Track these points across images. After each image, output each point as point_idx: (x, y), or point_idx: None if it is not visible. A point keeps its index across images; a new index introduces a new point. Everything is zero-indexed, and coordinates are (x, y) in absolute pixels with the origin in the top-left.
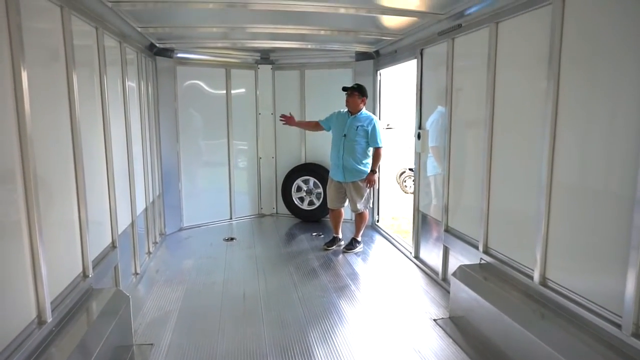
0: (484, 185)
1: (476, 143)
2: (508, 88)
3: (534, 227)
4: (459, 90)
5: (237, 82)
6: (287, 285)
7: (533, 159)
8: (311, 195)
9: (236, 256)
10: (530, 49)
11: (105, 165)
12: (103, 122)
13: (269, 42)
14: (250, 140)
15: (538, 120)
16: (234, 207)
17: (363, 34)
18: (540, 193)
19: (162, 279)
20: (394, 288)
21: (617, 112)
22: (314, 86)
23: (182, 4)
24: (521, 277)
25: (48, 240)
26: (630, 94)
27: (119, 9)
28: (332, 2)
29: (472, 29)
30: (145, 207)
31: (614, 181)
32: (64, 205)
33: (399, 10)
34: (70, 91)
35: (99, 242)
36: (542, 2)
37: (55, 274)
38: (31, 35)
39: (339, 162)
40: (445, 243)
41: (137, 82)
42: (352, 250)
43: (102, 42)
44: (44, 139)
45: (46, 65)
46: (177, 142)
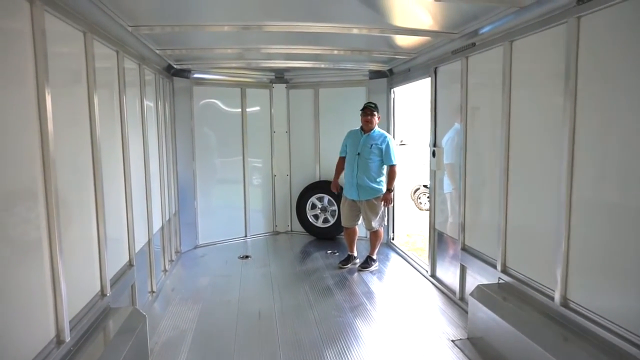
0: (501, 203)
1: (492, 160)
2: (524, 105)
3: (553, 246)
4: (474, 107)
5: (252, 101)
6: (302, 304)
7: (551, 175)
8: (326, 212)
9: (251, 274)
10: (545, 67)
11: (123, 184)
12: (122, 142)
13: (284, 62)
14: (265, 158)
15: (555, 136)
16: (249, 224)
17: (376, 53)
18: (560, 210)
19: (177, 297)
20: (411, 307)
21: (637, 127)
22: (328, 104)
23: (198, 27)
24: (541, 298)
25: (68, 259)
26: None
27: (138, 33)
28: (345, 23)
29: (486, 47)
30: (162, 225)
31: (636, 197)
32: (84, 224)
33: (412, 30)
34: (92, 112)
35: (116, 261)
36: (557, 21)
37: (74, 292)
38: (55, 59)
39: (353, 180)
40: (462, 262)
41: (154, 102)
42: (367, 269)
43: (122, 64)
44: (65, 158)
45: (69, 88)
46: (193, 160)
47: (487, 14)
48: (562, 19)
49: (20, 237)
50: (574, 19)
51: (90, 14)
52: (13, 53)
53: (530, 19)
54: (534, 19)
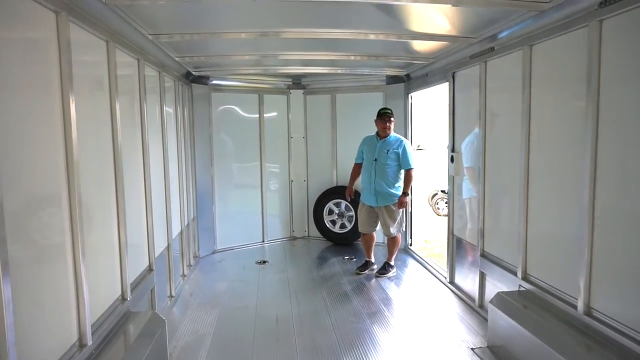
0: (522, 209)
1: (512, 165)
2: (544, 109)
3: (576, 253)
4: (493, 112)
5: (270, 107)
6: (319, 310)
7: (573, 181)
8: (343, 218)
9: (268, 279)
10: (567, 70)
11: (143, 189)
12: (142, 147)
13: (301, 68)
14: (282, 163)
15: (577, 141)
16: (266, 229)
17: (393, 59)
18: (582, 216)
19: (196, 302)
20: (429, 314)
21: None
22: (345, 110)
23: (216, 34)
24: (564, 306)
25: (90, 264)
26: None
27: (158, 41)
28: (362, 29)
29: (505, 51)
30: (181, 230)
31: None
32: (105, 228)
33: (430, 35)
34: (113, 119)
35: (137, 266)
36: (578, 24)
37: (96, 297)
38: (79, 67)
39: (371, 186)
40: (481, 268)
41: (174, 108)
42: (385, 275)
43: (143, 71)
44: (88, 164)
45: (92, 95)
46: (211, 165)
47: (506, 18)
48: (583, 23)
49: (45, 241)
50: (596, 22)
51: (112, 24)
52: (39, 62)
53: (550, 23)
54: (555, 22)
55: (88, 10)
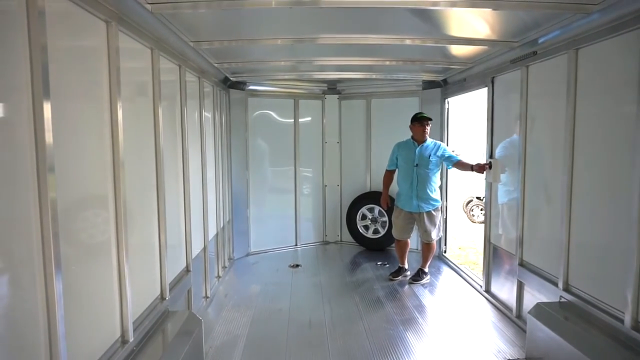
0: (564, 217)
1: (554, 171)
2: (591, 115)
3: (623, 265)
4: (535, 118)
5: (305, 112)
6: (352, 315)
7: (621, 189)
8: (376, 223)
9: (301, 283)
10: (615, 75)
11: (182, 192)
12: (182, 151)
13: (336, 73)
14: (316, 168)
15: (626, 147)
16: (299, 233)
17: (430, 63)
18: (631, 227)
19: (230, 303)
20: (464, 323)
21: None
22: (380, 115)
23: (254, 41)
24: (609, 320)
25: (132, 263)
26: None
27: (199, 47)
28: (398, 34)
29: (548, 56)
30: (217, 232)
31: None
32: (146, 229)
33: (468, 40)
34: (156, 122)
35: (175, 266)
36: (628, 27)
37: (138, 295)
38: (126, 74)
39: (412, 192)
40: (519, 278)
41: (212, 113)
42: (418, 282)
43: (184, 77)
44: (132, 167)
45: (137, 100)
46: (246, 169)
47: (550, 21)
48: (635, 25)
49: (92, 240)
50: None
51: (157, 32)
52: (91, 69)
53: (598, 26)
54: (602, 25)
55: (135, 19)
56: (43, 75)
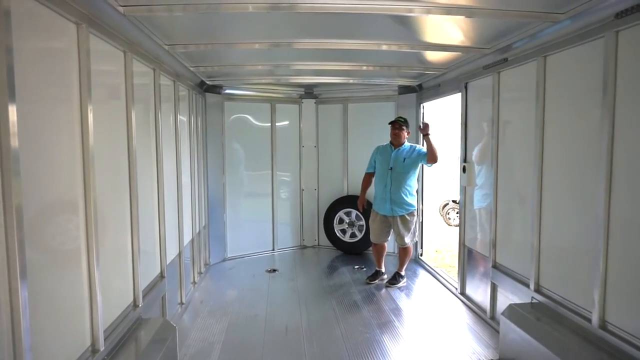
0: (535, 220)
1: (525, 175)
2: (559, 120)
3: (591, 265)
4: (506, 122)
5: (282, 116)
6: (329, 320)
7: (588, 192)
8: (353, 227)
9: (278, 288)
10: (582, 81)
11: (156, 197)
12: (156, 155)
13: (313, 77)
14: (293, 172)
15: (592, 151)
16: (277, 238)
17: (406, 69)
18: (597, 228)
19: (206, 309)
20: (440, 325)
21: None
22: (356, 119)
23: (230, 45)
24: (578, 319)
25: (104, 270)
26: None
27: (174, 51)
28: (375, 39)
29: (519, 62)
30: (192, 237)
31: None
32: (119, 235)
33: (443, 46)
34: (129, 126)
35: (149, 272)
36: (594, 35)
37: (109, 303)
38: (98, 76)
39: (386, 195)
40: (493, 280)
41: (187, 117)
42: (395, 285)
43: (158, 81)
44: (103, 171)
45: (109, 103)
46: (223, 174)
47: (520, 29)
48: (599, 34)
49: (61, 247)
50: (612, 33)
51: (130, 34)
52: (60, 71)
53: (565, 34)
54: (570, 33)
55: (107, 21)
56: (8, 77)
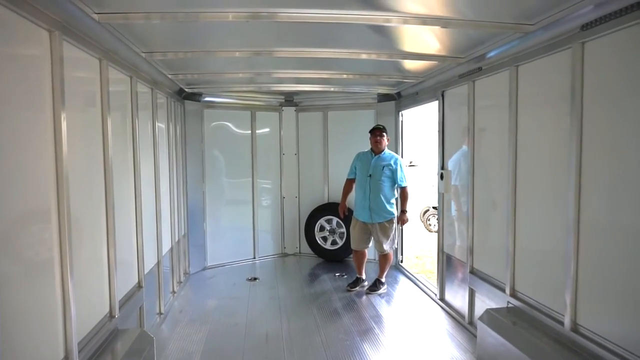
0: (509, 226)
1: (500, 181)
2: (530, 127)
3: (562, 269)
4: (481, 130)
5: (262, 124)
6: (310, 327)
7: (559, 196)
8: (334, 234)
9: (259, 296)
10: (552, 89)
11: (134, 206)
12: (133, 163)
13: (293, 85)
14: (274, 179)
15: (562, 157)
16: (257, 246)
17: (385, 77)
18: (568, 232)
19: (185, 319)
20: (419, 331)
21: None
22: (337, 127)
23: (210, 52)
24: (551, 323)
25: (78, 281)
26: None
27: (152, 59)
28: (354, 48)
29: (492, 71)
30: (171, 246)
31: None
32: (94, 244)
33: (420, 55)
34: (105, 134)
35: (126, 282)
36: (562, 46)
37: (84, 314)
38: (71, 83)
39: (366, 202)
40: (470, 285)
41: (166, 124)
42: (375, 292)
43: (135, 88)
44: (78, 180)
45: (84, 110)
46: (202, 181)
47: (493, 39)
48: (567, 45)
49: (33, 257)
50: (579, 44)
51: (106, 42)
52: (32, 78)
53: (535, 44)
54: (539, 44)
55: (82, 29)
56: None
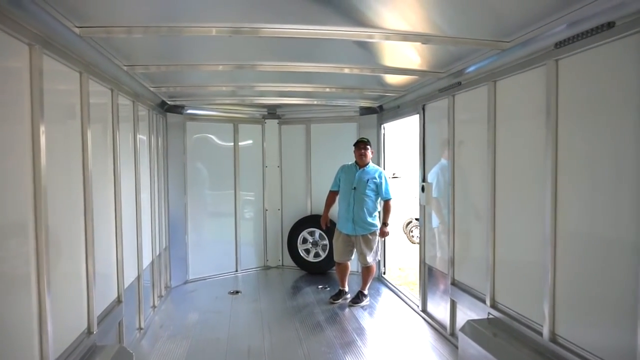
0: (489, 237)
1: (479, 194)
2: (508, 141)
3: (540, 280)
4: (461, 143)
5: (245, 136)
6: (292, 341)
7: (536, 208)
8: (317, 247)
9: (241, 310)
10: (528, 104)
11: (114, 219)
12: (114, 176)
13: (276, 98)
14: (256, 192)
15: (539, 170)
16: (240, 259)
17: (367, 91)
18: (545, 243)
19: (166, 334)
20: (402, 343)
21: (617, 160)
22: (319, 139)
23: (193, 66)
24: (530, 333)
25: (55, 296)
26: (629, 142)
27: (133, 72)
28: (337, 63)
29: (471, 86)
30: (152, 260)
31: (619, 229)
32: (73, 259)
33: (401, 70)
34: (84, 146)
35: (105, 297)
36: (537, 63)
37: (61, 330)
38: (51, 96)
39: (349, 215)
40: (452, 297)
41: (147, 137)
42: (358, 304)
43: (117, 101)
44: (57, 193)
45: (63, 122)
46: (184, 194)
47: (471, 55)
48: (542, 61)
49: (9, 272)
50: (553, 61)
51: (87, 55)
52: (10, 91)
53: (512, 61)
54: (516, 60)
55: (63, 42)
56: None
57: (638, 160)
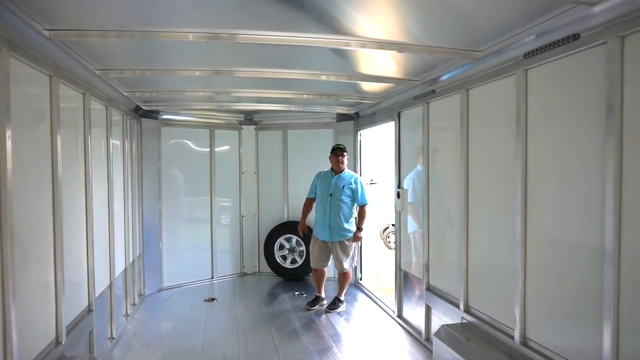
0: (462, 243)
1: (453, 199)
2: (481, 147)
3: (511, 285)
4: (436, 150)
5: (221, 142)
6: (268, 348)
7: (507, 214)
8: (294, 253)
9: (217, 318)
10: (499, 112)
11: (85, 225)
12: (85, 182)
13: (253, 104)
14: (233, 198)
15: (510, 176)
16: (216, 266)
17: (344, 98)
18: (516, 248)
19: (139, 343)
20: (378, 349)
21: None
22: (296, 146)
23: (169, 71)
24: (503, 337)
25: (21, 305)
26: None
27: (107, 76)
28: (314, 69)
29: (445, 94)
30: (125, 267)
31: (585, 234)
32: (40, 267)
33: (377, 77)
34: (54, 151)
35: (74, 306)
36: (507, 72)
37: (27, 340)
38: (18, 99)
39: (326, 221)
40: (427, 302)
41: (121, 142)
42: (334, 310)
43: (89, 105)
44: (24, 198)
45: (31, 126)
46: (159, 200)
47: (445, 63)
48: (512, 71)
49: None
50: (522, 71)
51: (57, 59)
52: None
53: (484, 70)
54: (488, 69)
55: (31, 45)
56: None
57: (604, 166)
